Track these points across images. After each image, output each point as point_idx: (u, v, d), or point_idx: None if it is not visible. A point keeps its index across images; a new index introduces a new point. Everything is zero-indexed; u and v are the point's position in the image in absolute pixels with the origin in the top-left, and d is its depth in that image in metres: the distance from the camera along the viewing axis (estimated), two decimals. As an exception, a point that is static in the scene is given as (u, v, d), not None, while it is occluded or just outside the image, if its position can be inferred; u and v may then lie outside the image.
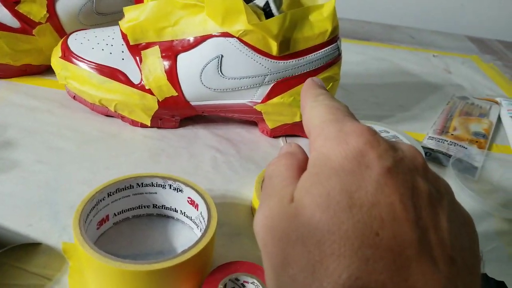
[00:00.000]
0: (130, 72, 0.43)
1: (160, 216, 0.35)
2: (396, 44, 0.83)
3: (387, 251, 0.15)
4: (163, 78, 0.42)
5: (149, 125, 0.45)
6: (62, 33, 0.50)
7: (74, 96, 0.45)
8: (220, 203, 0.37)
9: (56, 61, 0.44)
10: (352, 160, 0.17)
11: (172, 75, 0.42)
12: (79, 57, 0.43)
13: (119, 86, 0.42)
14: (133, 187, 0.32)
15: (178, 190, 0.33)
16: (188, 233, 0.33)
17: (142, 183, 0.33)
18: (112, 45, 0.43)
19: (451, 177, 0.44)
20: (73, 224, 0.27)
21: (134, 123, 0.45)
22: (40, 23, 0.48)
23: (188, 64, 0.41)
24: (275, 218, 0.18)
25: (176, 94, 0.42)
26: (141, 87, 0.42)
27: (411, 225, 0.16)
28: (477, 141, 0.49)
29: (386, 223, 0.16)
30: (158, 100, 0.43)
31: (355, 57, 0.72)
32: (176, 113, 0.45)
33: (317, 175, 0.18)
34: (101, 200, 0.31)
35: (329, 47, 0.42)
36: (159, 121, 0.45)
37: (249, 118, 0.46)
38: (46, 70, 0.52)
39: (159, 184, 0.33)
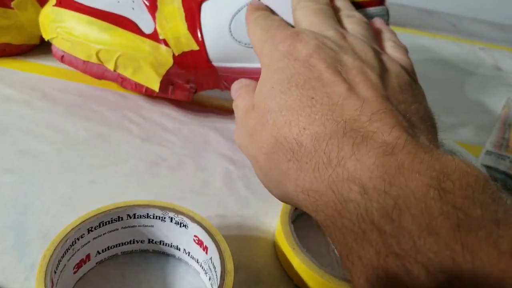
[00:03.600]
0: (141, 22, 0.35)
1: (158, 253, 0.27)
2: (435, 32, 0.74)
3: (323, 105, 0.20)
4: (183, 27, 0.34)
5: (157, 90, 0.35)
6: (47, 5, 0.42)
7: (63, 56, 0.36)
8: (235, 236, 0.29)
9: (47, 11, 0.35)
10: (284, 59, 0.23)
11: (194, 24, 0.34)
12: (78, 3, 0.35)
13: (125, 33, 0.34)
14: (122, 219, 0.25)
15: (182, 225, 0.25)
16: (193, 279, 0.26)
17: (134, 215, 0.25)
18: (120, -10, 0.35)
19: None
20: (37, 282, 0.20)
21: (137, 87, 0.36)
22: (20, -7, 0.40)
23: (215, 10, 0.33)
24: (243, 121, 0.24)
25: (198, 48, 0.34)
26: (153, 36, 0.34)
27: (339, 83, 0.21)
28: (543, 158, 0.41)
29: (317, 89, 0.21)
30: (173, 54, 0.35)
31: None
32: (193, 77, 0.36)
33: (263, 80, 0.24)
34: (78, 239, 0.23)
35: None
36: (170, 87, 0.36)
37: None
38: (28, 51, 0.43)
39: (156, 216, 0.25)
